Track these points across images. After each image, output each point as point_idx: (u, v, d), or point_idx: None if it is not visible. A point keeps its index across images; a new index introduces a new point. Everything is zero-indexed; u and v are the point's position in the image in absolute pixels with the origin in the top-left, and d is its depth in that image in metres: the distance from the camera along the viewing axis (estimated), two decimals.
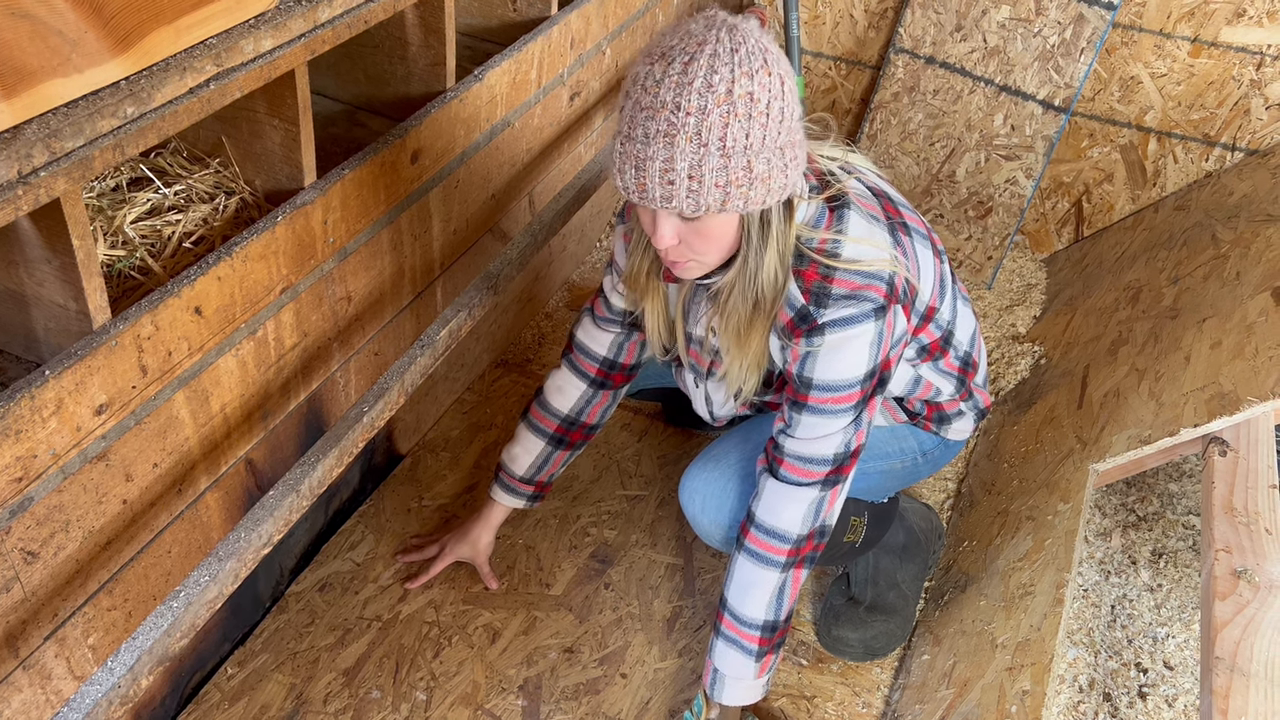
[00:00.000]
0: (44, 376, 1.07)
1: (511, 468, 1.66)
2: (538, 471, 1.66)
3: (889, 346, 1.30)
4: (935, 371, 1.50)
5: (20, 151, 0.97)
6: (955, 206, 2.64)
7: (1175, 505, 1.99)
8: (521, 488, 1.66)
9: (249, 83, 1.23)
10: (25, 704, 1.22)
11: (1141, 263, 2.32)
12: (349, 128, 1.74)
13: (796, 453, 1.35)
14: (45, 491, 1.12)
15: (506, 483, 1.67)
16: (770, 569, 1.39)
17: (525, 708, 1.59)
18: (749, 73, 1.07)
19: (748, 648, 1.42)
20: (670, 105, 1.07)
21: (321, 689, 1.58)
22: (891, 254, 1.28)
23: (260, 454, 1.50)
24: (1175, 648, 1.72)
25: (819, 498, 1.37)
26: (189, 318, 1.24)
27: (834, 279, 1.25)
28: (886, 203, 1.36)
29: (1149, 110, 2.48)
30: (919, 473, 1.66)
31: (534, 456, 1.65)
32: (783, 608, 1.41)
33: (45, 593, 1.19)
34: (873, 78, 2.75)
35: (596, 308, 1.61)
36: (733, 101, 1.07)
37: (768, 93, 1.09)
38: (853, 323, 1.26)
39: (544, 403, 1.65)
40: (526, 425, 1.66)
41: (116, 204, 1.36)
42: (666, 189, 1.11)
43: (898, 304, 1.29)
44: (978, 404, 1.60)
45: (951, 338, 1.48)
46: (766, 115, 1.09)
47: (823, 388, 1.30)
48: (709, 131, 1.08)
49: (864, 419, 1.35)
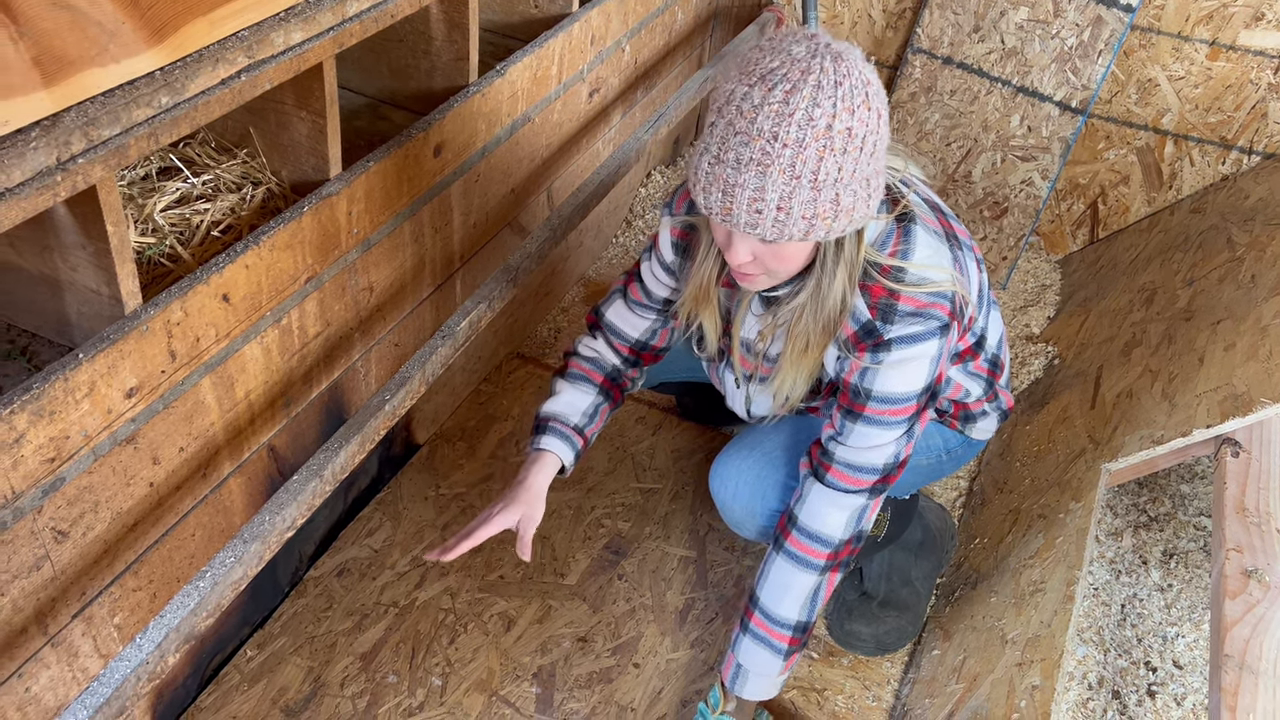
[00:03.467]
0: (77, 359, 1.10)
1: (565, 415, 1.53)
2: (589, 422, 1.54)
3: (945, 362, 1.32)
4: (965, 374, 1.51)
5: (60, 139, 0.99)
6: (971, 207, 2.65)
7: (1187, 506, 2.00)
8: (574, 436, 1.52)
9: (279, 75, 1.25)
10: (53, 680, 1.25)
11: (1156, 265, 2.32)
12: (372, 121, 1.76)
13: (847, 460, 1.35)
14: (76, 472, 1.15)
15: (560, 430, 1.52)
16: (809, 572, 1.39)
17: (539, 695, 1.61)
18: (850, 108, 1.06)
19: (777, 646, 1.42)
20: (768, 134, 1.05)
21: (339, 672, 1.61)
22: (954, 273, 1.29)
23: (282, 440, 1.53)
24: (1185, 647, 1.73)
25: (863, 505, 1.38)
26: (217, 305, 1.27)
27: (901, 296, 1.25)
28: (941, 216, 1.35)
29: (1166, 113, 2.48)
30: (942, 470, 1.67)
31: (585, 405, 1.54)
32: (815, 608, 1.42)
33: (74, 572, 1.22)
34: (890, 77, 2.76)
35: (632, 291, 1.54)
36: (831, 137, 1.06)
37: (865, 127, 1.07)
38: (919, 340, 1.26)
39: (586, 358, 1.58)
40: (571, 380, 1.56)
41: (146, 192, 1.39)
42: (753, 217, 1.11)
43: (958, 320, 1.30)
44: (1001, 405, 1.61)
45: (984, 341, 1.48)
46: (860, 150, 1.08)
47: (881, 399, 1.30)
48: (804, 165, 1.07)
49: (915, 430, 1.35)
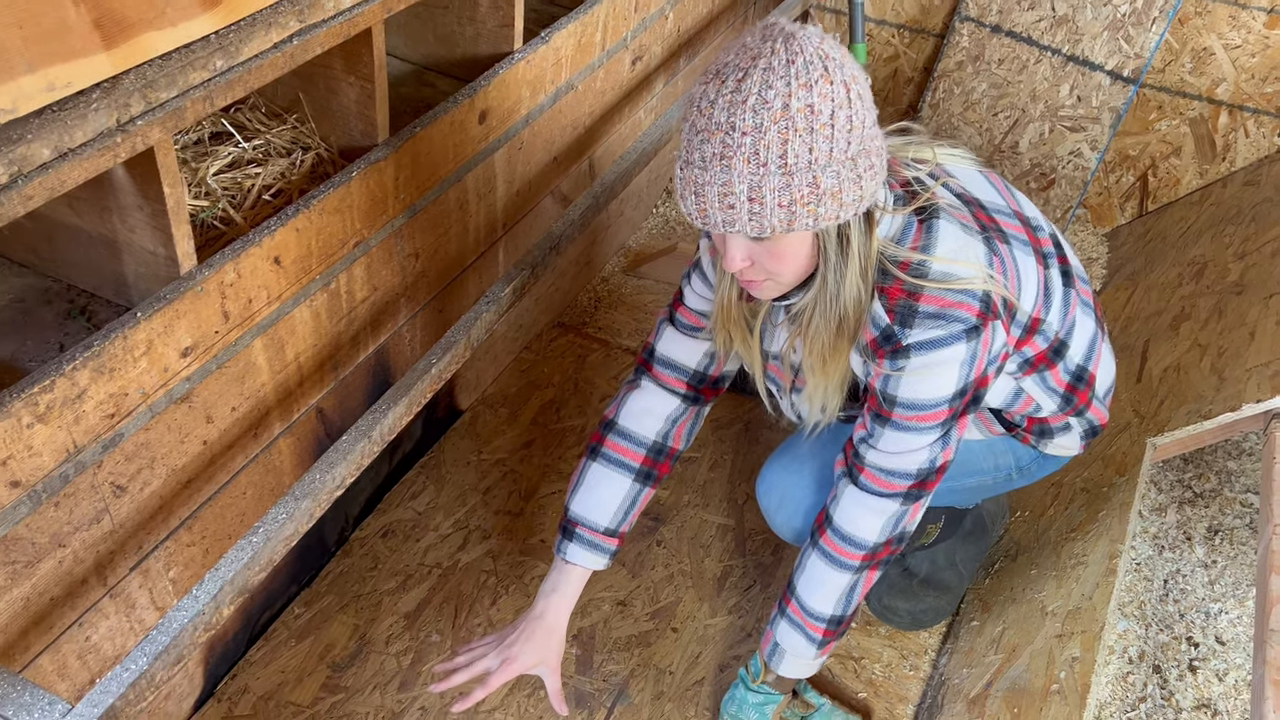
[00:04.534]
0: (135, 318, 1.12)
1: (592, 519, 1.39)
2: (623, 519, 1.40)
3: (984, 365, 1.21)
4: (1040, 387, 1.39)
5: (119, 100, 1.01)
6: (1017, 178, 2.62)
7: (1234, 483, 1.97)
8: (606, 541, 1.39)
9: (329, 39, 1.27)
10: (111, 630, 1.29)
11: (1207, 238, 2.28)
12: (417, 88, 1.77)
13: (879, 464, 1.28)
14: (134, 429, 1.18)
15: (587, 538, 1.38)
16: (843, 571, 1.34)
17: (579, 656, 1.64)
18: (807, 84, 1.00)
19: (811, 635, 1.39)
20: (725, 126, 1.02)
21: (384, 630, 1.64)
22: (986, 269, 1.19)
23: (330, 403, 1.55)
24: (1228, 623, 1.71)
25: (900, 511, 1.30)
26: (269, 267, 1.29)
27: (921, 295, 1.16)
28: (979, 210, 1.26)
29: (1221, 83, 2.43)
30: (1011, 485, 1.59)
31: (620, 499, 1.40)
32: (851, 604, 1.37)
33: (131, 526, 1.25)
34: (936, 46, 2.72)
35: (681, 314, 1.42)
36: (790, 117, 1.01)
37: (830, 103, 1.01)
38: (941, 345, 1.17)
39: (624, 432, 1.42)
40: (603, 463, 1.41)
41: (200, 156, 1.41)
42: (727, 213, 1.06)
43: (995, 320, 1.19)
44: (1090, 421, 1.47)
45: (1064, 350, 1.36)
46: (831, 126, 1.02)
47: (907, 406, 1.22)
48: (767, 150, 1.02)
49: (952, 436, 1.26)
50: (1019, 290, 1.26)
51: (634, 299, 2.37)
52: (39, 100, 0.96)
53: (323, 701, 1.55)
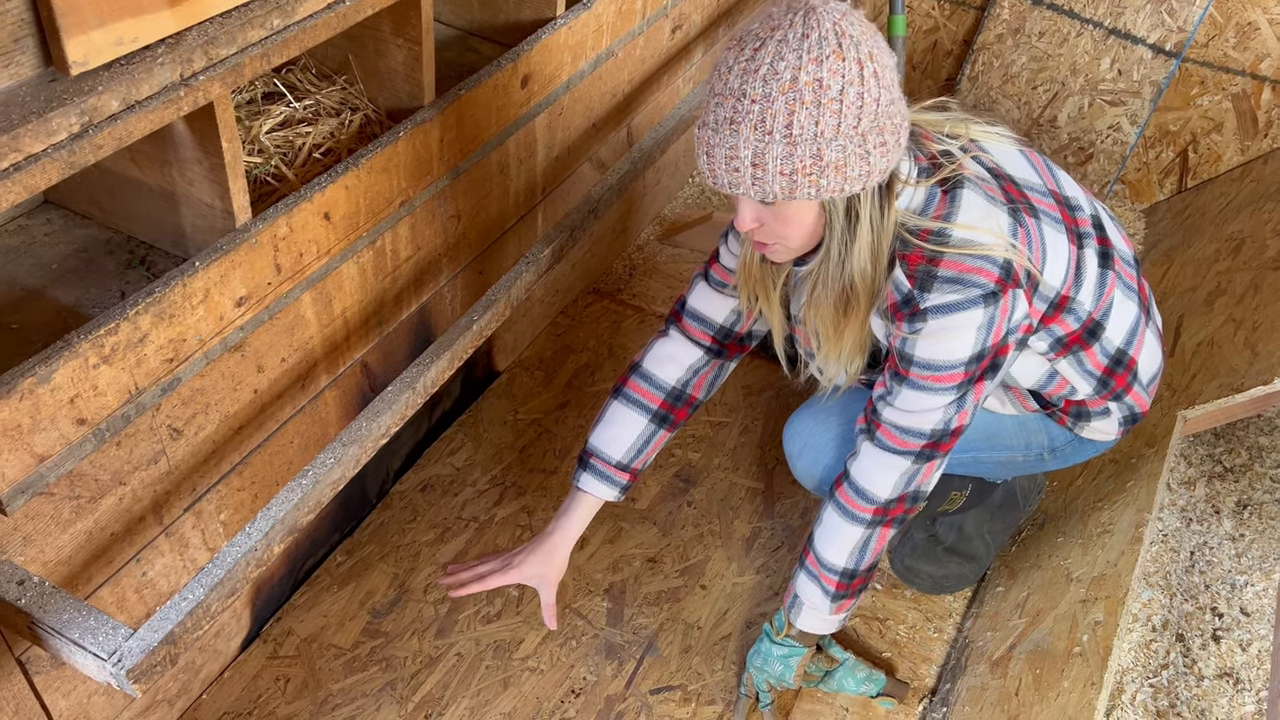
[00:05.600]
0: (194, 267, 1.17)
1: (607, 451, 1.47)
2: (636, 455, 1.48)
3: (1002, 332, 1.23)
4: (1075, 369, 1.40)
5: (183, 56, 1.06)
6: (1055, 152, 2.61)
7: (1264, 458, 1.98)
8: (617, 475, 1.48)
9: (380, 0, 1.30)
10: (166, 568, 1.35)
11: (1246, 214, 2.27)
12: (461, 52, 1.80)
13: (894, 422, 1.31)
14: (191, 374, 1.23)
15: (600, 469, 1.47)
16: (856, 524, 1.37)
17: (610, 609, 1.68)
18: (818, 58, 1.05)
19: (825, 588, 1.43)
20: (736, 92, 1.07)
21: (422, 580, 1.70)
22: (1009, 239, 1.22)
23: (374, 358, 1.60)
24: (1253, 595, 1.73)
25: (913, 469, 1.33)
26: (319, 222, 1.33)
27: (941, 261, 1.19)
28: (1009, 184, 1.28)
29: (1265, 58, 2.40)
30: (1044, 466, 1.59)
31: (634, 437, 1.48)
32: (864, 559, 1.40)
33: (186, 468, 1.31)
34: (976, 18, 2.71)
35: (714, 270, 1.49)
36: (799, 89, 1.05)
37: (840, 79, 1.05)
38: (957, 309, 1.19)
39: (646, 375, 1.50)
40: (623, 402, 1.50)
41: (253, 115, 1.45)
42: (732, 175, 1.11)
43: (1016, 289, 1.22)
44: (1130, 407, 1.47)
45: (1099, 331, 1.37)
46: (840, 102, 1.06)
47: (924, 365, 1.25)
48: (773, 120, 1.06)
49: (969, 400, 1.28)
50: (1044, 264, 1.28)
51: (668, 267, 2.40)
52: (108, 54, 1.00)
53: (363, 645, 1.61)
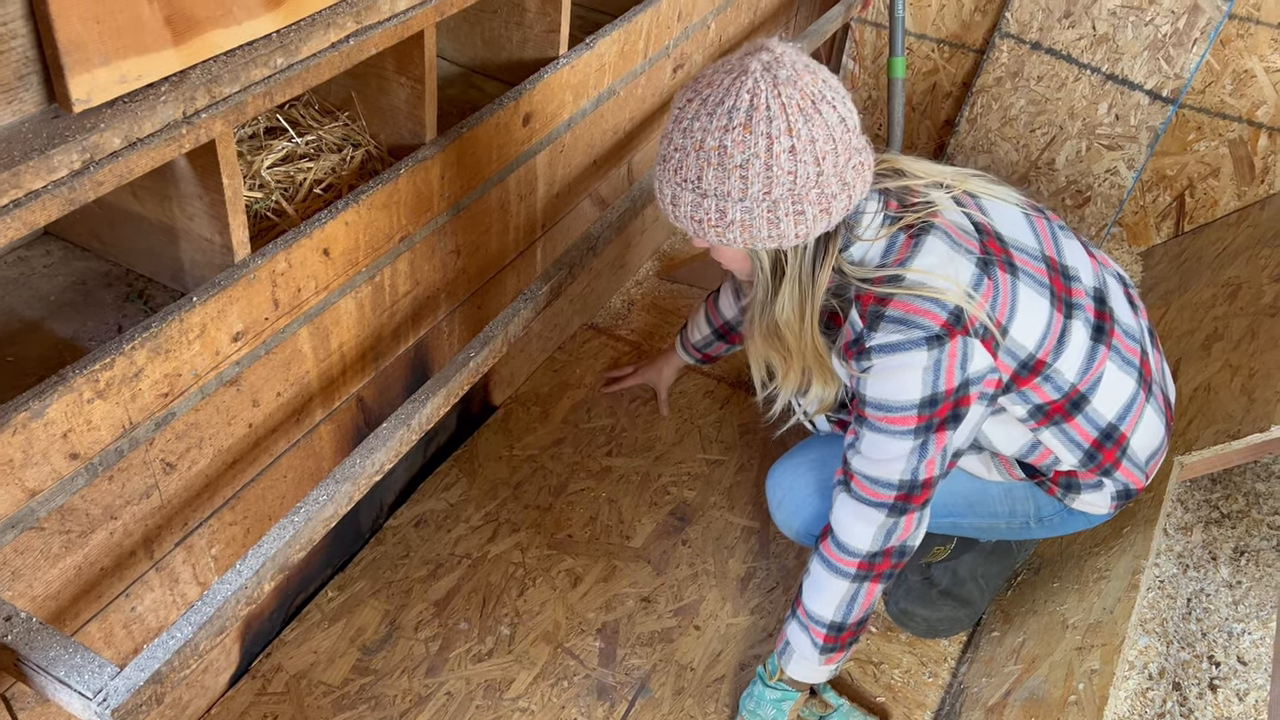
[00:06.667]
0: (191, 302, 1.17)
1: (689, 333, 1.92)
2: (707, 346, 1.90)
3: (955, 379, 1.23)
4: (1060, 439, 1.39)
5: (186, 94, 1.06)
6: (1053, 195, 2.62)
7: (1261, 505, 1.97)
8: (693, 352, 1.94)
9: (383, 40, 1.31)
10: (155, 603, 1.34)
11: (1243, 260, 2.28)
12: (465, 89, 1.82)
13: (863, 471, 1.32)
14: (185, 409, 1.23)
15: (684, 343, 1.95)
16: (841, 578, 1.38)
17: (602, 649, 1.67)
18: (724, 128, 1.11)
19: (814, 639, 1.43)
20: (694, 137, 1.14)
21: (414, 617, 1.69)
22: (966, 287, 1.23)
23: (370, 392, 1.60)
24: (1250, 644, 1.72)
25: (890, 523, 1.33)
26: (318, 258, 1.34)
27: (890, 301, 1.22)
28: (991, 240, 1.28)
29: (1261, 105, 2.42)
30: (1029, 534, 1.59)
31: (703, 336, 1.88)
32: (853, 613, 1.40)
33: (178, 502, 1.30)
34: (976, 61, 2.73)
35: None
36: (706, 151, 1.12)
37: (743, 151, 1.11)
38: (900, 349, 1.21)
39: (716, 305, 1.85)
40: (702, 311, 1.88)
41: (255, 150, 1.46)
42: (672, 211, 1.21)
43: (966, 336, 1.22)
44: (1122, 483, 1.46)
45: (1084, 403, 1.36)
46: (745, 169, 1.11)
47: (876, 405, 1.27)
48: (687, 170, 1.15)
49: (930, 449, 1.27)
50: (1011, 319, 1.27)
51: (667, 303, 2.41)
52: (112, 92, 1.01)
53: (353, 682, 1.59)
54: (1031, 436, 1.40)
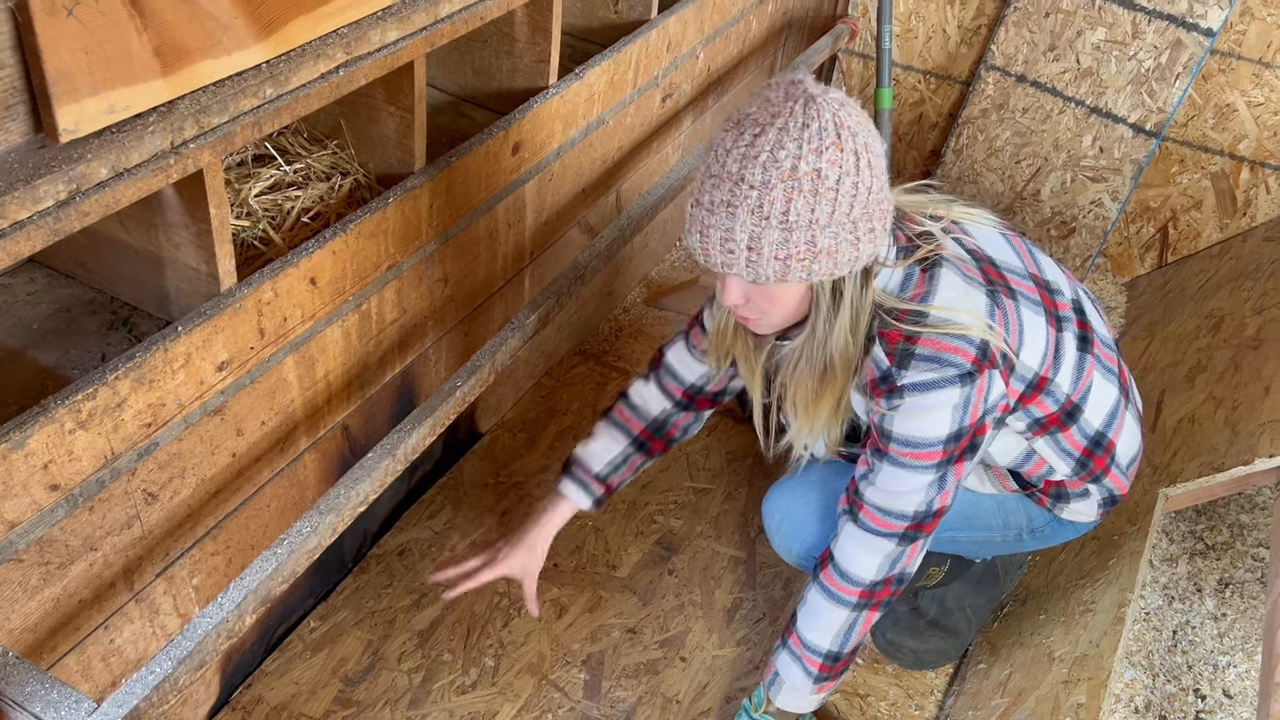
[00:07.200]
0: (176, 332, 1.17)
1: (589, 462, 1.59)
2: (613, 471, 1.60)
3: (979, 412, 1.24)
4: (1053, 449, 1.41)
5: (174, 124, 1.06)
6: (1038, 225, 2.64)
7: (1245, 536, 1.98)
8: (594, 485, 1.58)
9: (373, 71, 1.32)
10: (135, 634, 1.33)
11: (1226, 291, 2.30)
12: (454, 118, 1.82)
13: (876, 503, 1.31)
14: (169, 439, 1.22)
15: (580, 477, 1.58)
16: (841, 607, 1.37)
17: (587, 681, 1.66)
18: (818, 149, 1.07)
19: (808, 669, 1.42)
20: (735, 176, 1.08)
21: (397, 647, 1.67)
22: (985, 319, 1.23)
23: (355, 421, 1.59)
24: (1236, 677, 1.71)
25: (897, 551, 1.33)
26: (305, 287, 1.33)
27: (919, 339, 1.21)
28: (988, 266, 1.30)
29: (1243, 139, 2.45)
30: (1023, 546, 1.60)
31: (613, 455, 1.59)
32: (849, 641, 1.39)
33: (160, 533, 1.29)
34: (961, 93, 2.76)
35: (693, 335, 1.55)
36: (798, 178, 1.07)
37: (838, 169, 1.08)
38: (934, 387, 1.21)
39: (631, 405, 1.61)
40: (609, 424, 1.62)
41: (243, 177, 1.46)
42: (726, 257, 1.13)
43: (992, 370, 1.23)
44: (1109, 489, 1.48)
45: (1077, 413, 1.38)
46: (836, 191, 1.08)
47: (902, 442, 1.26)
48: (771, 206, 1.08)
49: (949, 480, 1.29)
50: (1020, 345, 1.29)
51: (654, 330, 2.41)
52: (100, 122, 1.01)
53: (334, 715, 1.57)
54: (1027, 446, 1.41)
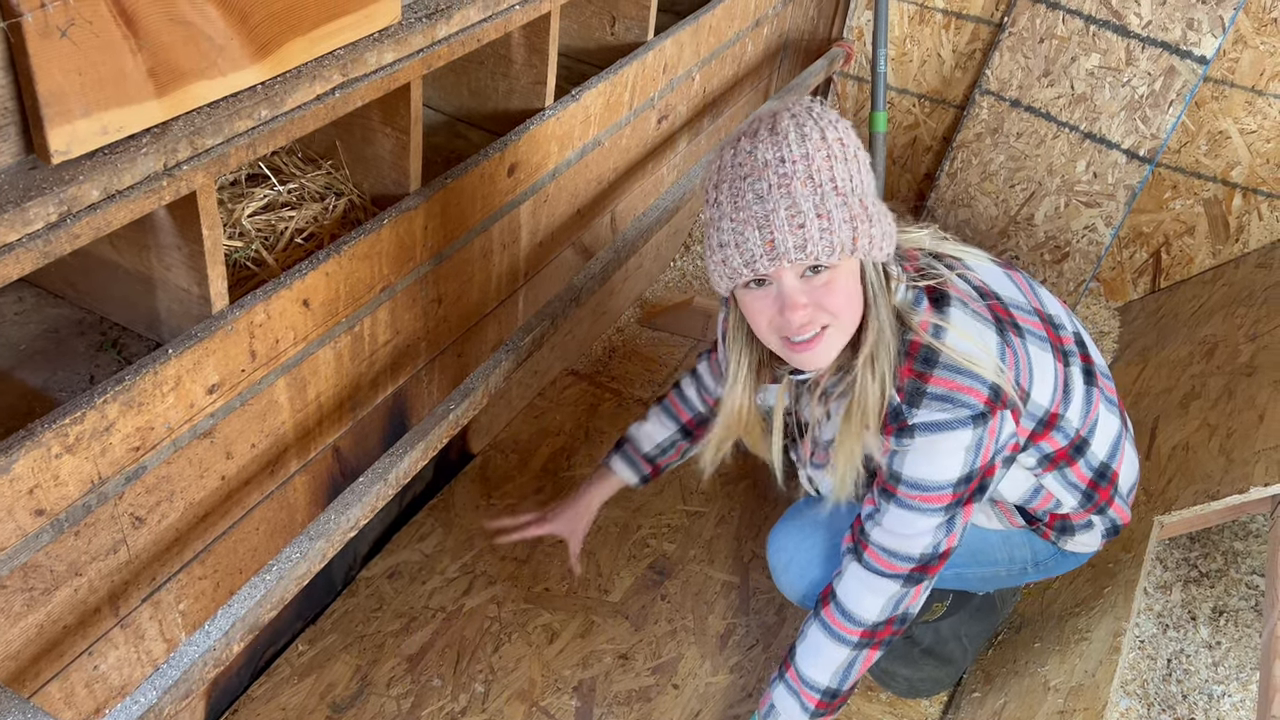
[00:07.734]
0: (166, 355, 1.15)
1: (640, 442, 1.66)
2: (661, 454, 1.66)
3: (990, 454, 1.22)
4: (1060, 483, 1.40)
5: (168, 146, 1.05)
6: (1032, 250, 2.65)
7: (1240, 564, 1.97)
8: (642, 464, 1.65)
9: (370, 93, 1.31)
10: (120, 660, 1.30)
11: (1219, 318, 2.30)
12: (450, 138, 1.81)
13: (883, 545, 1.29)
14: (157, 462, 1.20)
15: (630, 455, 1.66)
16: (842, 645, 1.36)
17: (578, 709, 1.64)
18: (831, 122, 1.11)
19: (805, 704, 1.40)
20: (774, 161, 1.09)
21: (386, 672, 1.65)
22: (997, 360, 1.21)
23: (347, 443, 1.57)
24: (1230, 707, 1.70)
25: (901, 592, 1.31)
26: (297, 309, 1.32)
27: (930, 377, 1.18)
28: (995, 303, 1.29)
29: (1236, 166, 2.47)
30: (1026, 578, 1.60)
31: (661, 439, 1.65)
32: (849, 679, 1.38)
33: (147, 557, 1.27)
34: (956, 117, 2.77)
35: (714, 354, 1.60)
36: (829, 145, 1.10)
37: (853, 140, 1.13)
38: (946, 428, 1.18)
39: (682, 395, 1.66)
40: (661, 409, 1.67)
41: (236, 198, 1.45)
42: (798, 234, 1.08)
43: (1004, 410, 1.21)
44: (1111, 519, 1.47)
45: (1085, 447, 1.37)
46: (859, 161, 1.12)
47: (912, 484, 1.24)
48: (820, 173, 1.09)
49: (957, 523, 1.27)
50: (1031, 383, 1.28)
51: (648, 350, 2.40)
52: (92, 143, 0.99)
53: None
54: (1035, 482, 1.40)
